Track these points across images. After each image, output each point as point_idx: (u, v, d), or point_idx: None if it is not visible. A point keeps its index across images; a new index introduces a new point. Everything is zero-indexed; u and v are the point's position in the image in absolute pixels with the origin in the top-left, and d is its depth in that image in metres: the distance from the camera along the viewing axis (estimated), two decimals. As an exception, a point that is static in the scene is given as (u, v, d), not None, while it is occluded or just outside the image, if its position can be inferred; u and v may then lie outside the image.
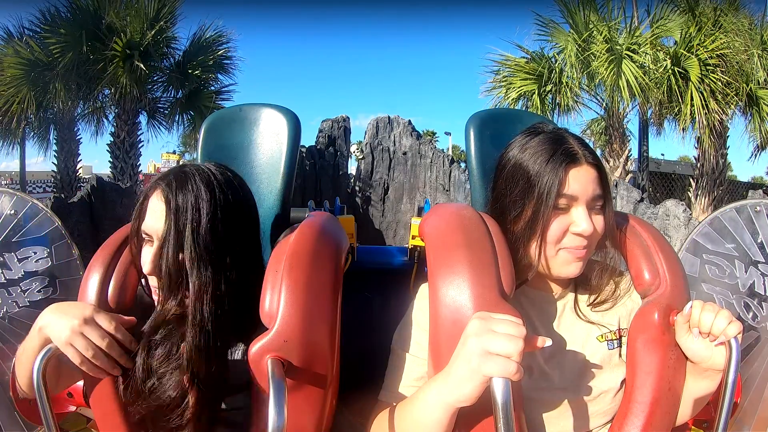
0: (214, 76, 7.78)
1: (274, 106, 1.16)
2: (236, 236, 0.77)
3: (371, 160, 5.52)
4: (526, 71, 6.97)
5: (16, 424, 1.29)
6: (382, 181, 5.50)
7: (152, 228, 0.75)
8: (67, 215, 3.58)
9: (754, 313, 1.27)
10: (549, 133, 0.82)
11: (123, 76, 6.75)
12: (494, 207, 0.86)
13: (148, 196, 0.77)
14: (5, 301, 1.37)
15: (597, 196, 0.79)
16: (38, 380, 0.72)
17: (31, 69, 6.62)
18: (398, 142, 5.55)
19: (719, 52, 6.09)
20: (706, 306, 0.75)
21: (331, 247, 0.81)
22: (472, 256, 0.72)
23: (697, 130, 6.46)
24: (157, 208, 0.75)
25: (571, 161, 0.77)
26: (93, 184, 3.90)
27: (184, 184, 0.75)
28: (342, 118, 5.62)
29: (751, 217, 1.32)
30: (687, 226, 4.30)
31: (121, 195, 4.06)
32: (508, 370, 0.58)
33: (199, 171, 0.78)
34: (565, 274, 0.80)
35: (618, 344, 0.85)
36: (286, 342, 0.69)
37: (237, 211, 0.78)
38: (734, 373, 0.70)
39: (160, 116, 8.05)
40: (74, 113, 7.70)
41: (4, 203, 1.42)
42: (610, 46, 6.29)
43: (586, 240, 0.78)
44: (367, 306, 1.57)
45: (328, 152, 5.32)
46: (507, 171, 0.83)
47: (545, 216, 0.77)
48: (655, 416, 0.77)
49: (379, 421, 0.77)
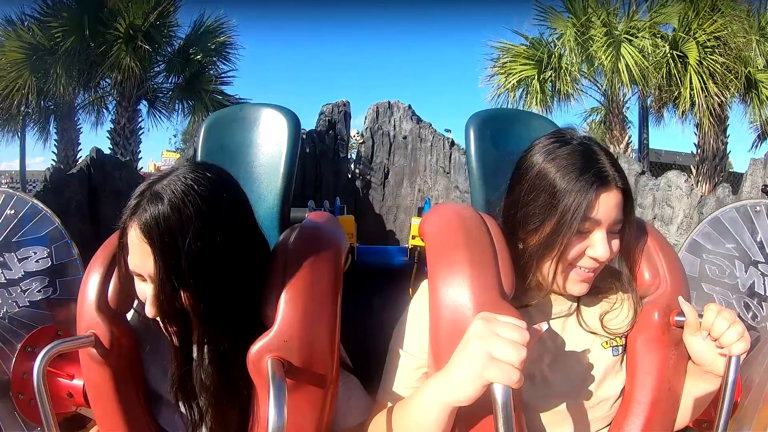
0: (214, 60, 7.75)
1: (274, 106, 1.16)
2: (235, 245, 0.71)
3: (371, 145, 5.52)
4: (526, 57, 6.93)
5: (16, 424, 1.29)
6: (382, 165, 5.51)
7: (141, 268, 0.69)
8: (65, 186, 3.55)
9: (754, 313, 1.27)
10: (579, 145, 0.76)
11: (125, 58, 6.72)
12: (508, 214, 0.81)
13: (126, 231, 0.69)
14: (5, 301, 1.37)
15: (618, 220, 0.76)
16: (38, 380, 0.72)
17: (33, 53, 6.61)
18: (398, 126, 5.55)
19: (717, 34, 6.07)
20: (723, 312, 0.73)
21: (331, 248, 0.81)
22: (472, 256, 0.72)
23: (696, 114, 6.41)
24: (140, 248, 0.67)
25: (602, 184, 0.73)
26: (92, 156, 3.88)
27: (161, 211, 0.66)
28: (342, 102, 5.63)
29: (751, 217, 1.32)
30: (689, 195, 4.29)
31: (121, 168, 4.03)
32: (511, 378, 0.58)
33: (174, 190, 0.67)
34: (573, 292, 0.79)
35: (623, 350, 0.84)
36: (286, 342, 0.69)
37: (229, 219, 0.71)
38: (734, 373, 0.70)
39: (160, 105, 8.04)
40: (75, 102, 7.68)
41: (4, 203, 1.42)
42: (608, 29, 6.29)
43: (599, 264, 0.76)
44: (367, 306, 1.57)
45: (328, 136, 5.32)
46: (529, 178, 0.77)
47: (567, 237, 0.73)
48: (655, 416, 0.77)
49: (377, 422, 0.77)
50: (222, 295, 0.69)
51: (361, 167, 5.52)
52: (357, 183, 5.50)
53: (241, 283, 0.72)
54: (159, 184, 0.69)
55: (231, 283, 0.70)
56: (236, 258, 0.71)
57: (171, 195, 0.67)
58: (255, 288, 0.74)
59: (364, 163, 5.52)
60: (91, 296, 0.82)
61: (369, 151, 5.56)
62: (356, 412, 0.80)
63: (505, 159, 0.87)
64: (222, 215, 0.69)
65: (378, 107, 5.70)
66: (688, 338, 0.78)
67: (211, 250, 0.67)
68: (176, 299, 0.67)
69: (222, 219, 0.69)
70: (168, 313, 0.68)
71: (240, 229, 0.73)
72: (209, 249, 0.67)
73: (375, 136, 5.62)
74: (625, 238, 0.78)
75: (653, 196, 4.71)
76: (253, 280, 0.74)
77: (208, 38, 7.54)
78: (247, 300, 0.73)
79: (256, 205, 1.10)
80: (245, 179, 1.13)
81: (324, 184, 5.29)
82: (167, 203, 0.66)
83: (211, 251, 0.67)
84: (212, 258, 0.68)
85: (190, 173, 0.70)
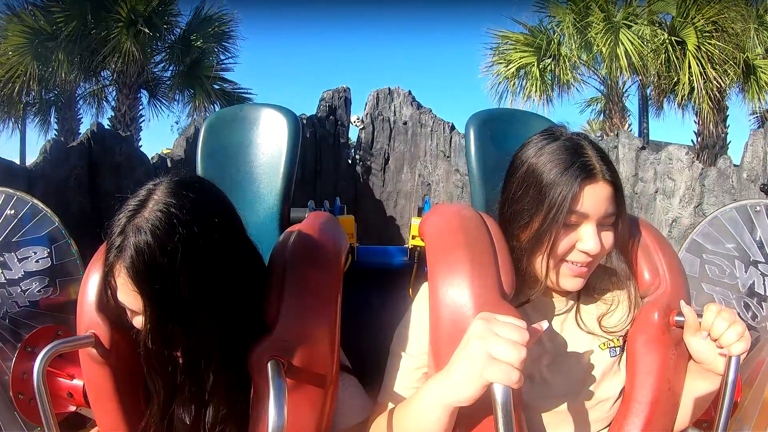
0: (215, 48, 7.70)
1: (274, 106, 1.16)
2: (226, 265, 0.69)
3: (371, 131, 5.53)
4: (525, 44, 6.91)
5: (16, 424, 1.29)
6: (382, 150, 5.51)
7: (131, 305, 0.67)
8: (65, 159, 3.54)
9: (754, 313, 1.27)
10: (567, 140, 0.77)
11: (126, 41, 6.70)
12: (503, 211, 0.82)
13: (113, 271, 0.66)
14: (5, 301, 1.37)
15: (609, 214, 0.76)
16: (38, 380, 0.72)
17: (35, 37, 6.59)
18: (398, 112, 5.57)
19: (714, 19, 6.06)
20: (722, 313, 0.73)
21: (330, 248, 0.81)
22: (472, 256, 0.72)
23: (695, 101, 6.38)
24: (127, 289, 0.65)
25: (588, 176, 0.73)
26: (93, 129, 3.87)
27: (145, 251, 0.62)
28: (343, 88, 5.67)
29: (751, 217, 1.32)
30: (690, 168, 4.29)
31: (121, 142, 4.03)
32: (510, 379, 0.58)
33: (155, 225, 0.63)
34: (567, 287, 0.79)
35: (621, 351, 0.84)
36: (286, 343, 0.69)
37: (218, 240, 0.68)
38: (734, 373, 0.70)
39: (160, 94, 8.01)
40: (75, 91, 7.67)
41: (4, 203, 1.42)
42: (606, 15, 6.29)
43: (591, 258, 0.76)
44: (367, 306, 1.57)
45: (329, 121, 5.33)
46: (519, 175, 0.79)
47: (554, 231, 0.73)
48: (655, 416, 0.77)
49: (378, 423, 0.77)
50: (214, 319, 0.68)
51: (361, 153, 5.53)
52: (357, 169, 5.50)
53: (236, 299, 0.70)
54: (139, 217, 0.65)
55: (225, 304, 0.69)
56: (230, 278, 0.69)
57: (153, 230, 0.63)
58: (252, 296, 0.74)
59: (365, 149, 5.52)
60: (91, 296, 0.82)
61: (369, 137, 5.56)
62: (355, 411, 0.80)
63: (505, 159, 0.87)
64: (210, 238, 0.66)
65: (378, 93, 5.72)
66: (689, 337, 0.78)
67: (203, 280, 0.66)
68: (166, 334, 0.66)
69: (210, 242, 0.66)
70: (157, 347, 0.67)
71: (230, 247, 0.70)
72: (200, 279, 0.65)
73: (375, 122, 5.62)
74: (618, 232, 0.78)
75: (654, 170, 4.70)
76: (248, 291, 0.73)
77: (209, 25, 7.52)
78: (243, 313, 0.72)
79: (256, 205, 1.10)
80: (245, 179, 1.13)
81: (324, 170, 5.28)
82: (151, 240, 0.63)
83: (202, 281, 0.66)
84: (204, 287, 0.66)
85: (170, 197, 0.66)
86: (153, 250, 0.63)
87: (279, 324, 0.70)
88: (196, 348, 0.69)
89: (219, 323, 0.69)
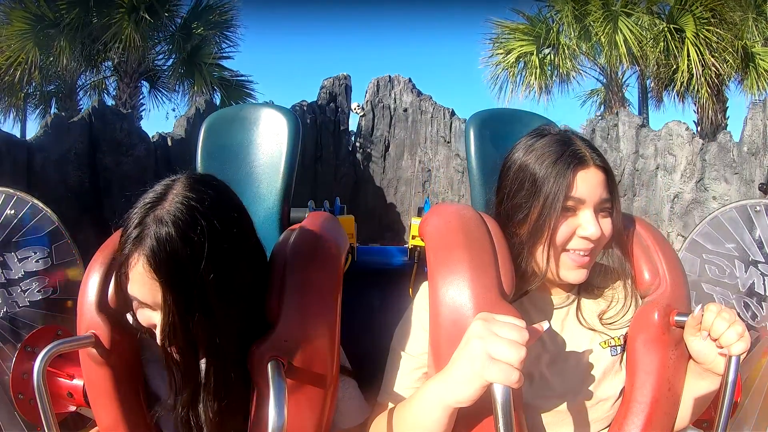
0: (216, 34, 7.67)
1: (274, 106, 1.16)
2: (242, 261, 0.70)
3: (372, 118, 5.54)
4: (524, 32, 6.91)
5: (16, 424, 1.29)
6: (383, 138, 5.53)
7: (146, 298, 0.66)
8: (66, 133, 3.53)
9: (754, 313, 1.27)
10: (555, 135, 0.81)
11: (127, 28, 6.69)
12: (499, 211, 0.84)
13: (129, 261, 0.65)
14: (5, 301, 1.37)
15: (604, 199, 0.77)
16: (38, 380, 0.72)
17: (38, 23, 6.58)
18: (399, 99, 5.58)
19: (713, 6, 6.07)
20: (722, 313, 0.73)
21: (330, 248, 0.81)
22: (472, 256, 0.72)
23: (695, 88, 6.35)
24: (147, 279, 0.64)
25: (579, 163, 0.76)
26: (94, 105, 3.88)
27: (168, 241, 0.62)
28: (343, 76, 5.70)
29: (751, 217, 1.32)
30: (691, 143, 4.28)
31: (122, 119, 4.03)
32: (510, 379, 0.58)
33: (178, 217, 0.63)
34: (570, 279, 0.79)
35: (622, 350, 0.84)
36: (286, 342, 0.69)
37: (237, 235, 0.69)
38: (734, 373, 0.70)
39: (161, 85, 8.01)
40: (76, 81, 7.66)
41: (4, 203, 1.42)
42: (604, 2, 6.30)
43: (593, 243, 0.77)
44: (367, 306, 1.57)
45: (329, 108, 5.34)
46: (512, 173, 0.81)
47: (553, 219, 0.75)
48: (655, 416, 0.77)
49: (378, 423, 0.77)
50: (232, 312, 0.68)
51: (361, 140, 5.54)
52: (357, 156, 5.51)
53: (248, 296, 0.71)
54: (159, 209, 0.64)
55: (240, 299, 0.70)
56: (244, 274, 0.70)
57: (176, 221, 0.63)
58: (259, 294, 0.75)
59: (365, 136, 5.53)
60: (91, 296, 0.82)
61: (369, 124, 5.57)
62: (353, 413, 0.80)
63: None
64: (230, 233, 0.67)
65: (378, 81, 5.74)
66: (689, 337, 0.78)
67: (223, 272, 0.66)
68: (188, 327, 0.65)
69: (230, 235, 0.67)
70: (179, 340, 0.66)
71: (245, 243, 0.72)
72: (221, 272, 0.65)
73: (375, 109, 5.63)
74: (614, 218, 0.80)
75: (655, 146, 4.69)
76: (258, 287, 0.74)
77: (209, 13, 7.50)
78: (253, 309, 0.73)
79: (256, 205, 1.10)
80: (245, 179, 1.13)
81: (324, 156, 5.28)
82: (173, 231, 0.62)
83: (222, 273, 0.66)
84: (224, 279, 0.66)
85: (190, 191, 0.66)
86: (175, 241, 0.62)
87: (279, 324, 0.70)
88: (215, 341, 0.68)
89: (237, 317, 0.69)
